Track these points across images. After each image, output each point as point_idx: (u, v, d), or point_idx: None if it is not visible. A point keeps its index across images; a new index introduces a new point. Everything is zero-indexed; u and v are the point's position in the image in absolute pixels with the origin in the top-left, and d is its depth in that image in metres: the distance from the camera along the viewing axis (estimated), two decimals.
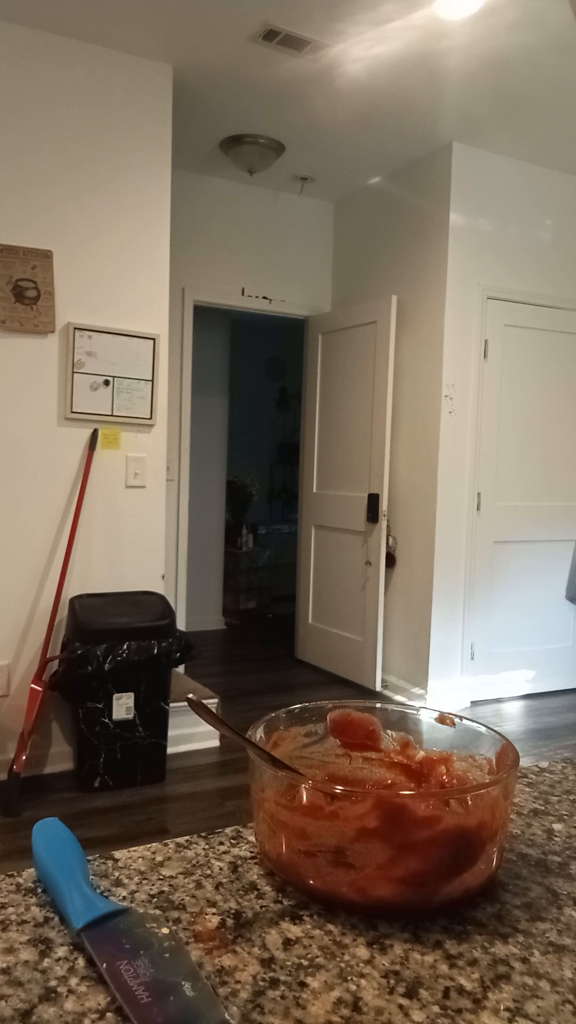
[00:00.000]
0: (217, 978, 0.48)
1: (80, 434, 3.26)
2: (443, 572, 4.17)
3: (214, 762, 3.40)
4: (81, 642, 2.95)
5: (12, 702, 3.17)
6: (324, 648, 4.83)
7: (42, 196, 3.13)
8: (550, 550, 4.47)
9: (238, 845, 0.66)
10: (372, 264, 4.64)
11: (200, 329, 4.94)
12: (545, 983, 0.49)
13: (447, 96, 3.54)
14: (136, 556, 3.40)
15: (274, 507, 8.18)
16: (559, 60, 3.19)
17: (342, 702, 0.72)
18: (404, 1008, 0.46)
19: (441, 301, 4.10)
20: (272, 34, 3.05)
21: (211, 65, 3.33)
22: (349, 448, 4.60)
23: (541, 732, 3.95)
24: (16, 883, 0.59)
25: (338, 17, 2.95)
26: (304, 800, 0.57)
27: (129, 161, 3.29)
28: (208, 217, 4.59)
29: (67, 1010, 0.45)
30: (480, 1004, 0.47)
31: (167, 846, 0.65)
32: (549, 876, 0.62)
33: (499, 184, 4.17)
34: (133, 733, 3.06)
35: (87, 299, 3.24)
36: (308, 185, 4.66)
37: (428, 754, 0.69)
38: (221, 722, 0.60)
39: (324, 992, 0.47)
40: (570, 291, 4.43)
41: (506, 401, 4.29)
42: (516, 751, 0.62)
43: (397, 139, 4.01)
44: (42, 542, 3.21)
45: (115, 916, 0.52)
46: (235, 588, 6.42)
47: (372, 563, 4.41)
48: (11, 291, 3.08)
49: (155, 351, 3.36)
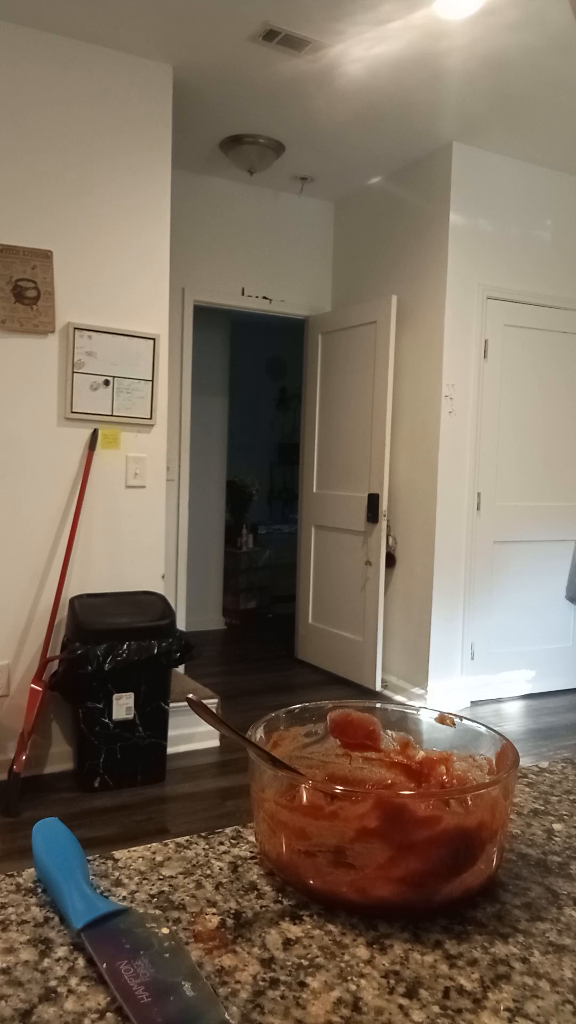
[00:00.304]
0: (217, 978, 0.48)
1: (80, 434, 3.26)
2: (443, 572, 4.17)
3: (214, 762, 3.40)
4: (81, 642, 2.95)
5: (12, 702, 3.17)
6: (324, 648, 4.83)
7: (42, 196, 3.13)
8: (550, 550, 4.47)
9: (238, 845, 0.66)
10: (372, 264, 4.64)
11: (200, 329, 4.94)
12: (545, 983, 0.49)
13: (447, 96, 3.54)
14: (136, 556, 3.41)
15: (274, 507, 8.18)
16: (559, 60, 3.19)
17: (342, 702, 0.72)
18: (404, 1008, 0.46)
19: (441, 301, 4.10)
20: (272, 34, 3.05)
21: (211, 65, 3.33)
22: (349, 448, 4.60)
23: (541, 732, 3.95)
24: (16, 883, 0.59)
25: (338, 17, 2.95)
26: (304, 800, 0.57)
27: (129, 161, 3.29)
28: (208, 217, 4.59)
29: (67, 1010, 0.45)
30: (480, 1004, 0.47)
31: (167, 846, 0.65)
32: (549, 876, 0.62)
33: (499, 184, 4.17)
34: (133, 733, 3.06)
35: (87, 299, 3.24)
36: (308, 185, 4.66)
37: (428, 754, 0.69)
38: (221, 722, 0.60)
39: (324, 992, 0.47)
40: (570, 291, 4.43)
41: (506, 401, 4.29)
42: (516, 751, 0.62)
43: (397, 139, 4.01)
44: (42, 542, 3.21)
45: (115, 916, 0.52)
46: (235, 588, 6.42)
47: (372, 563, 4.41)
48: (11, 291, 3.08)
49: (155, 351, 3.36)
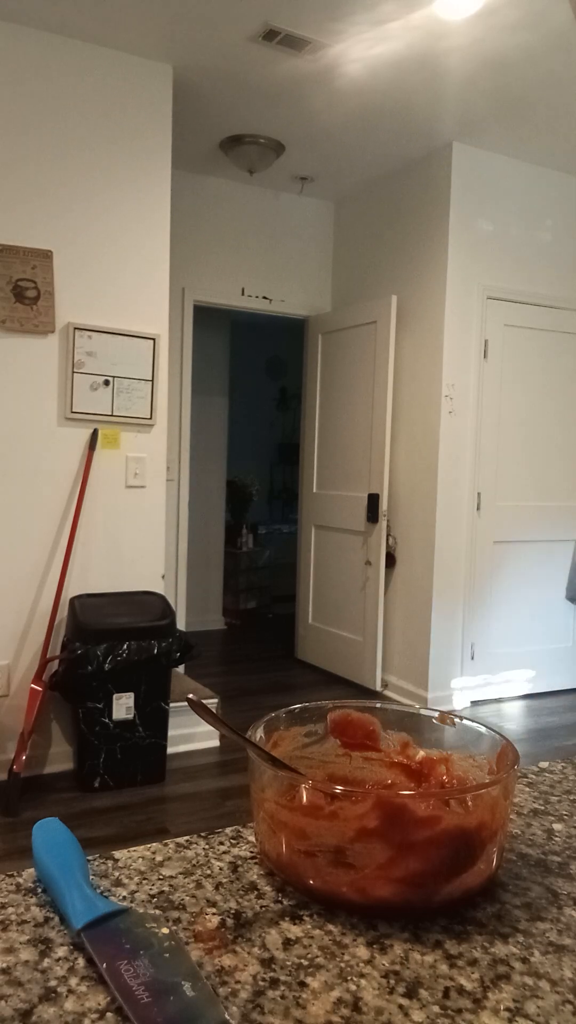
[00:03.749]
0: (217, 978, 0.48)
1: (80, 434, 3.26)
2: (443, 572, 4.17)
3: (214, 762, 3.40)
4: (81, 642, 2.95)
5: (12, 702, 3.17)
6: (324, 648, 4.83)
7: (42, 196, 3.13)
8: (550, 550, 4.47)
9: (238, 845, 0.66)
10: (372, 264, 4.64)
11: (200, 329, 4.94)
12: (545, 983, 0.49)
13: (447, 96, 3.54)
14: (136, 556, 3.40)
15: (274, 507, 8.18)
16: (559, 60, 3.19)
17: (342, 702, 0.72)
18: (404, 1008, 0.46)
19: (441, 301, 4.10)
20: (272, 34, 3.05)
21: (211, 65, 3.33)
22: (349, 448, 4.60)
23: (541, 732, 3.95)
24: (16, 883, 0.59)
25: (338, 17, 2.95)
26: (304, 800, 0.57)
27: (129, 161, 3.29)
28: (208, 217, 4.59)
29: (67, 1010, 0.45)
30: (480, 1004, 0.47)
31: (167, 846, 0.65)
32: (549, 876, 0.62)
33: (499, 184, 4.17)
34: (133, 733, 3.06)
35: (87, 299, 3.24)
36: (308, 185, 4.66)
37: (428, 754, 0.69)
38: (221, 722, 0.60)
39: (324, 992, 0.47)
40: (570, 291, 4.43)
41: (506, 401, 4.29)
42: (516, 751, 0.62)
43: (397, 139, 4.01)
44: (42, 542, 3.21)
45: (115, 916, 0.52)
46: (235, 588, 6.42)
47: (372, 563, 4.41)
48: (11, 291, 3.08)
49: (155, 351, 3.36)
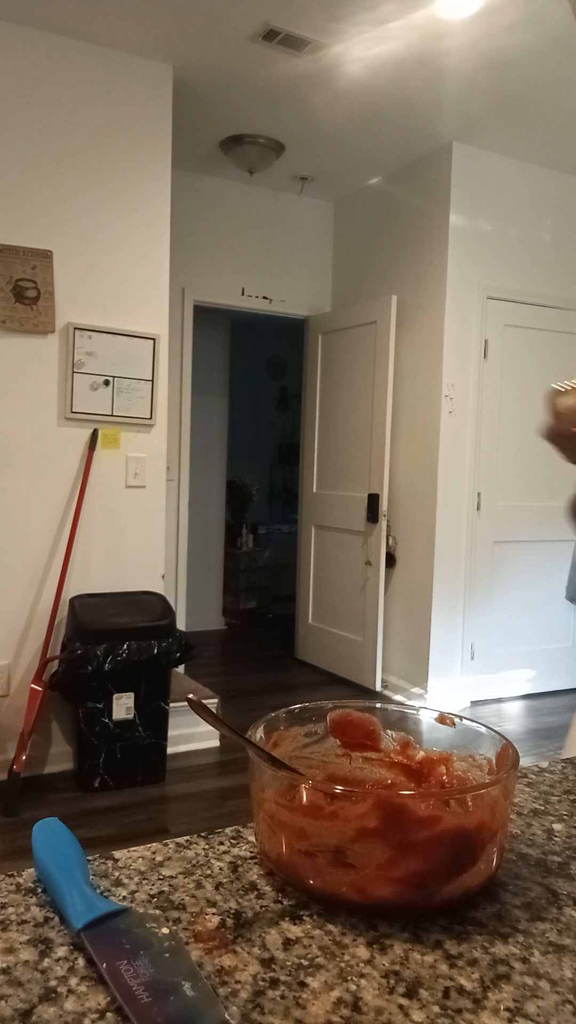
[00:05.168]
0: (217, 978, 0.48)
1: (80, 434, 3.26)
2: (443, 572, 4.17)
3: (214, 762, 3.40)
4: (81, 642, 2.95)
5: (12, 702, 3.17)
6: (324, 648, 4.83)
7: (42, 196, 3.13)
8: (550, 550, 4.47)
9: (238, 845, 0.65)
10: (372, 264, 4.64)
11: (200, 329, 4.94)
12: (545, 983, 0.49)
13: (447, 96, 3.54)
14: (136, 556, 3.40)
15: (274, 507, 8.18)
16: (559, 60, 3.19)
17: (342, 702, 0.72)
18: (404, 1008, 0.46)
19: (441, 301, 4.10)
20: (272, 34, 3.05)
21: (211, 65, 3.33)
22: (349, 448, 4.60)
23: (541, 732, 3.95)
24: (16, 883, 0.59)
25: (338, 17, 2.95)
26: (304, 800, 0.57)
27: (129, 161, 3.29)
28: (208, 217, 4.59)
29: (67, 1010, 0.45)
30: (480, 1004, 0.47)
31: (167, 846, 0.65)
32: (549, 876, 0.62)
33: (499, 184, 4.17)
34: (133, 733, 3.06)
35: (87, 299, 3.24)
36: (308, 185, 4.66)
37: (428, 754, 0.69)
38: (221, 722, 0.60)
39: (324, 992, 0.47)
40: (570, 291, 4.43)
41: (506, 401, 4.29)
42: (516, 751, 0.62)
43: (397, 139, 4.01)
44: (42, 542, 3.21)
45: (115, 916, 0.52)
46: (235, 588, 6.42)
47: (372, 563, 4.41)
48: (11, 291, 3.07)
49: (155, 351, 3.36)
